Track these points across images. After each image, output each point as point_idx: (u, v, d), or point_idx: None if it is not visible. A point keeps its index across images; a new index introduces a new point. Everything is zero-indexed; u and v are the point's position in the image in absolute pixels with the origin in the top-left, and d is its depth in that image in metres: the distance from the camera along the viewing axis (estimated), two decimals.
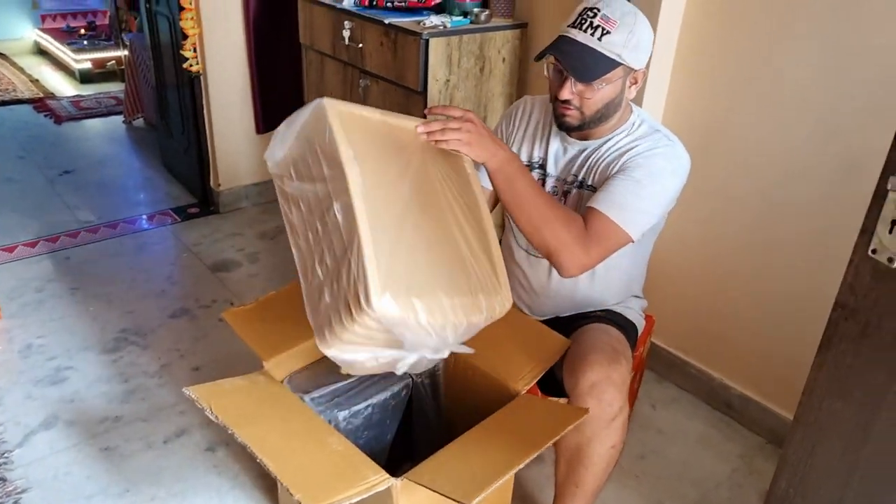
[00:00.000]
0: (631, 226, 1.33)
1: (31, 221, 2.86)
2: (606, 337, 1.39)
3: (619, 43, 1.29)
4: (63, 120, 4.04)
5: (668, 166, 1.36)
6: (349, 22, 2.26)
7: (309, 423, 1.23)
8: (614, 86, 1.34)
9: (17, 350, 2.11)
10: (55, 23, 5.54)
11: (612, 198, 1.33)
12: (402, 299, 1.05)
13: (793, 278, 1.74)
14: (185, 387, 1.26)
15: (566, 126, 1.41)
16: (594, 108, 1.36)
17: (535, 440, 1.14)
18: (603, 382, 1.26)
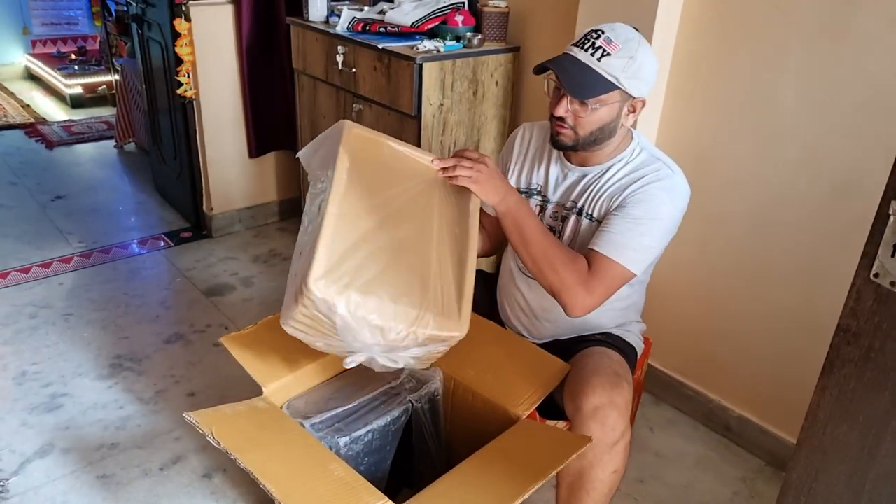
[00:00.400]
0: (633, 263, 1.36)
1: (24, 247, 2.84)
2: (608, 361, 1.39)
3: (617, 67, 1.31)
4: (54, 145, 4.04)
5: (667, 199, 1.37)
6: (342, 47, 2.29)
7: (310, 449, 1.23)
8: (610, 109, 1.35)
9: (12, 377, 2.09)
10: (46, 48, 5.55)
11: (612, 238, 1.36)
12: (338, 287, 1.12)
13: (787, 299, 1.76)
14: (184, 412, 1.26)
15: (560, 144, 1.42)
16: (588, 128, 1.37)
17: (539, 469, 1.15)
18: (606, 407, 1.26)
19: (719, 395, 1.99)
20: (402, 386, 1.50)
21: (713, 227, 1.87)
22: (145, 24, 3.00)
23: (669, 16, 1.74)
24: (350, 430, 1.35)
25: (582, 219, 1.46)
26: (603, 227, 1.38)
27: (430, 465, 1.55)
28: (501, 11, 2.20)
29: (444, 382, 1.52)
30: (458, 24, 2.18)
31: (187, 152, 2.97)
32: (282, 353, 1.52)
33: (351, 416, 1.42)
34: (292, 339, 1.55)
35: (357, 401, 1.44)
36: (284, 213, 3.24)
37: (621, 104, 1.36)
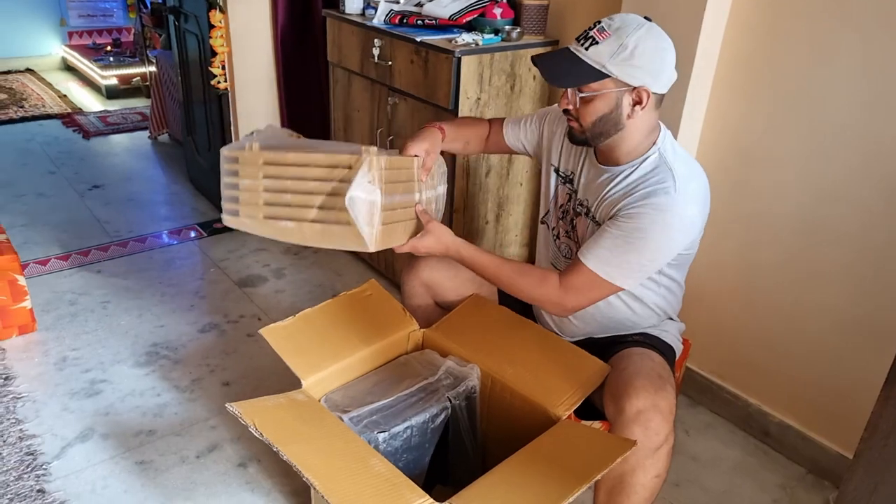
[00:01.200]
0: (619, 279, 1.35)
1: (63, 235, 2.90)
2: (650, 363, 1.37)
3: (605, 53, 1.27)
4: (91, 135, 4.10)
5: (659, 220, 1.30)
6: (379, 40, 2.29)
7: (350, 443, 1.23)
8: (604, 100, 1.31)
9: (53, 362, 2.13)
10: (82, 39, 5.64)
11: (598, 252, 1.34)
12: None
13: (834, 304, 1.72)
14: (226, 403, 1.27)
15: (573, 138, 1.43)
16: (588, 119, 1.34)
17: (583, 472, 1.13)
18: (650, 410, 1.24)
19: (759, 400, 1.95)
20: (439, 382, 1.50)
21: (757, 227, 1.83)
22: (182, 15, 3.02)
23: (719, 7, 1.70)
24: (389, 426, 1.35)
25: (588, 220, 1.46)
26: (595, 235, 1.37)
27: (465, 462, 1.55)
28: (541, 4, 2.17)
29: (481, 380, 1.51)
30: (496, 16, 2.16)
31: (221, 144, 2.99)
32: (320, 345, 1.53)
33: (389, 411, 1.42)
34: (331, 331, 1.57)
35: (395, 395, 1.44)
36: None
37: (618, 94, 1.30)
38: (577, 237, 1.53)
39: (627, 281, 1.36)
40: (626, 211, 1.33)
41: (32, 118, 4.35)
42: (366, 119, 2.50)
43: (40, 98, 4.78)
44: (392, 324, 1.63)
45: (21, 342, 2.21)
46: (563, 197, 1.56)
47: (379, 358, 1.59)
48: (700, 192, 1.37)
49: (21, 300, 2.22)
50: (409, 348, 1.65)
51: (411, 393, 1.47)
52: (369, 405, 1.42)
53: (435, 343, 1.62)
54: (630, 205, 1.33)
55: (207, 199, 3.32)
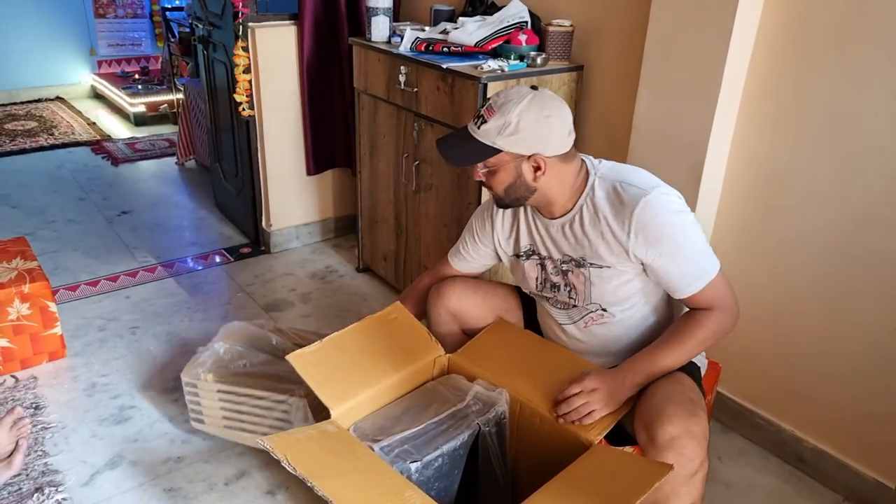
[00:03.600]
0: (712, 266, 1.39)
1: (92, 261, 2.94)
2: (681, 387, 1.36)
3: (492, 131, 1.36)
4: (119, 162, 4.18)
5: (669, 215, 1.36)
6: (405, 67, 2.31)
7: (384, 475, 1.22)
8: (506, 171, 1.40)
9: (83, 388, 2.15)
10: (111, 68, 5.78)
11: (686, 275, 1.38)
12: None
13: (869, 328, 1.68)
14: (258, 438, 1.27)
15: (497, 202, 1.51)
16: (500, 189, 1.44)
17: (620, 498, 1.11)
18: (683, 436, 1.22)
19: (792, 425, 1.91)
20: (468, 408, 1.48)
21: (787, 250, 1.80)
22: (211, 45, 3.09)
23: (745, 30, 1.70)
24: (421, 455, 1.34)
25: (587, 269, 1.46)
26: (665, 279, 1.40)
27: (495, 490, 1.53)
28: (565, 30, 2.19)
29: (510, 405, 1.49)
30: (521, 43, 2.17)
31: (248, 170, 3.04)
32: (348, 372, 1.52)
33: (419, 440, 1.40)
34: (358, 357, 1.56)
35: (424, 423, 1.43)
36: (340, 230, 3.27)
37: (516, 164, 1.39)
38: (572, 292, 1.52)
39: (714, 260, 1.41)
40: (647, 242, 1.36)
41: (62, 145, 4.45)
42: (391, 144, 2.52)
43: (70, 125, 4.89)
44: (418, 349, 1.62)
45: (51, 368, 2.24)
46: (536, 270, 1.57)
47: (406, 384, 1.58)
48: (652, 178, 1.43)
49: (52, 326, 2.24)
50: (434, 374, 1.64)
51: (441, 420, 1.45)
52: (399, 434, 1.41)
53: (461, 368, 1.61)
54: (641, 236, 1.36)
55: (234, 225, 3.35)
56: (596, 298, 1.48)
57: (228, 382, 1.80)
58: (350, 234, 3.25)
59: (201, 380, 1.81)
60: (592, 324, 1.53)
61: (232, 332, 1.99)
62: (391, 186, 2.60)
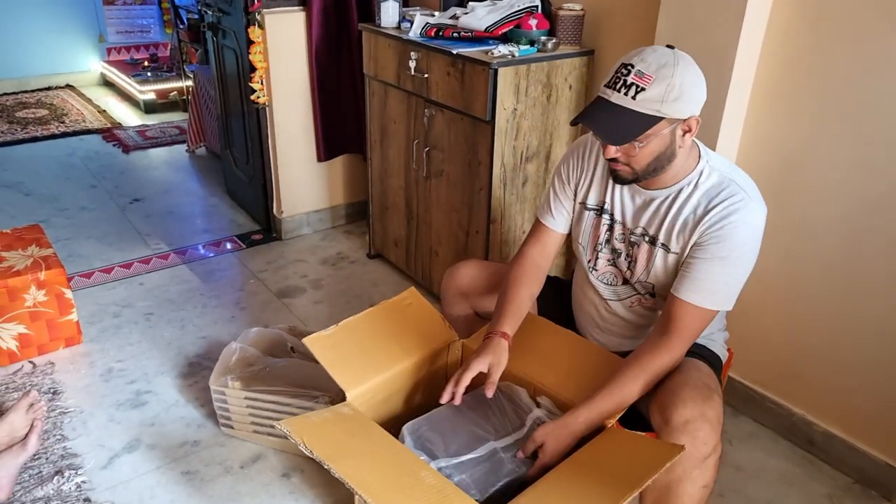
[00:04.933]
0: (723, 304, 1.36)
1: (106, 248, 2.97)
2: (697, 372, 1.36)
3: (655, 98, 1.25)
4: (130, 149, 4.20)
5: (748, 232, 1.32)
6: (415, 53, 2.30)
7: (399, 455, 1.24)
8: (660, 139, 1.30)
9: (99, 374, 2.18)
10: (120, 55, 5.79)
11: (701, 285, 1.33)
12: None
13: (880, 312, 1.68)
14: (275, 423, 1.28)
15: (620, 180, 1.39)
16: (643, 162, 1.32)
17: (633, 478, 1.12)
18: (698, 420, 1.23)
19: (803, 409, 1.91)
20: (526, 436, 1.39)
21: (801, 235, 1.80)
22: (220, 31, 3.09)
23: (758, 13, 1.68)
24: (483, 488, 1.27)
25: (656, 249, 1.42)
26: (686, 271, 1.34)
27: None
28: (576, 14, 2.17)
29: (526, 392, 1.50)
30: (531, 27, 2.16)
31: (259, 157, 3.04)
32: (363, 356, 1.53)
33: (481, 467, 1.32)
34: (372, 342, 1.57)
35: (486, 447, 1.35)
36: (351, 217, 3.28)
37: (672, 130, 1.29)
38: (631, 265, 1.48)
39: (731, 301, 1.36)
40: (712, 235, 1.32)
41: (73, 133, 4.47)
42: (402, 130, 2.52)
43: (80, 113, 4.91)
44: (432, 334, 1.63)
45: (68, 354, 2.27)
46: (600, 230, 1.52)
47: (421, 370, 1.60)
48: (759, 193, 1.37)
49: (68, 313, 2.27)
50: (449, 359, 1.65)
51: (506, 447, 1.37)
52: (461, 457, 1.32)
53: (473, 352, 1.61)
54: (715, 227, 1.32)
55: (245, 212, 3.37)
56: (652, 279, 1.44)
57: (255, 389, 1.83)
58: (361, 220, 3.26)
59: (229, 387, 1.84)
60: (638, 305, 1.51)
61: (252, 338, 2.03)
62: (402, 172, 2.60)
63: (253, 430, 1.89)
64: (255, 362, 1.92)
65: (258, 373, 1.88)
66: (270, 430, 1.86)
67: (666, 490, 1.29)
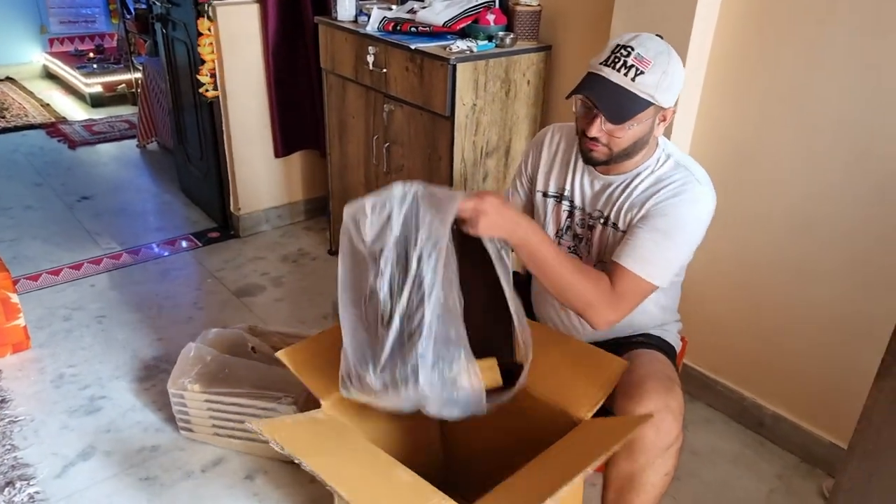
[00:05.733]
0: (658, 278, 1.36)
1: (53, 249, 2.87)
2: (659, 364, 1.39)
3: (651, 84, 1.29)
4: (77, 145, 4.06)
5: (693, 213, 1.35)
6: (373, 47, 2.28)
7: (374, 456, 1.21)
8: (644, 125, 1.34)
9: (50, 380, 2.11)
10: (63, 46, 5.57)
11: (637, 252, 1.35)
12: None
13: (827, 299, 1.75)
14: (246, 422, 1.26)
15: (592, 161, 1.41)
16: (622, 145, 1.36)
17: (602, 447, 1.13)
18: (662, 411, 1.26)
19: (753, 393, 1.98)
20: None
21: (751, 225, 1.86)
22: (170, 23, 3.00)
23: (709, 9, 1.72)
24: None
25: (608, 228, 1.46)
26: (628, 238, 1.38)
27: None
28: (533, 10, 2.18)
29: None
30: (489, 23, 2.17)
31: (214, 152, 2.98)
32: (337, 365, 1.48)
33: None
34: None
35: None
36: (311, 213, 3.24)
37: (654, 117, 1.35)
38: (590, 248, 1.52)
39: (665, 278, 1.38)
40: (658, 209, 1.36)
41: (15, 129, 4.29)
42: (361, 126, 2.50)
43: (22, 107, 4.72)
44: None
45: (16, 360, 2.19)
46: (560, 216, 1.55)
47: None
48: (711, 182, 1.41)
49: (14, 318, 2.19)
50: None
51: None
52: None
53: None
54: (662, 202, 1.36)
55: (200, 209, 3.29)
56: (606, 260, 1.46)
57: (215, 391, 1.79)
58: (321, 216, 3.23)
59: (188, 390, 1.80)
60: None
61: (211, 339, 1.98)
62: (362, 168, 2.58)
63: (214, 432, 1.85)
64: (214, 364, 1.88)
65: (218, 374, 1.84)
66: (232, 433, 1.83)
67: (629, 478, 1.32)
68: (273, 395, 1.76)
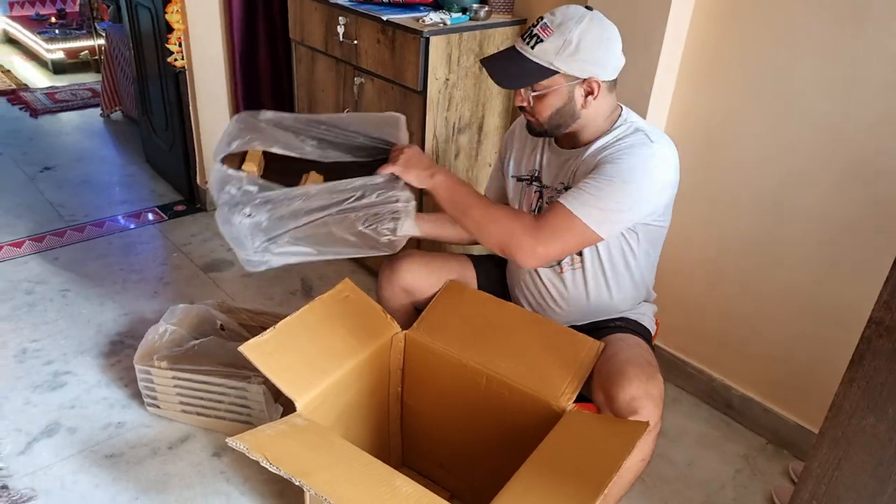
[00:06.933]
0: (596, 223, 1.33)
1: (15, 221, 2.78)
2: (639, 349, 1.39)
3: (550, 51, 1.30)
4: (39, 113, 3.93)
5: (641, 164, 1.33)
6: (343, 18, 2.23)
7: (369, 465, 1.19)
8: (558, 94, 1.35)
9: (12, 355, 2.06)
10: (24, 10, 5.36)
11: (577, 194, 1.34)
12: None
13: (797, 283, 1.77)
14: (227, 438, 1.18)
15: (531, 130, 1.46)
16: (545, 114, 1.38)
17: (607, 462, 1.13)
18: (643, 397, 1.26)
19: (722, 374, 2.02)
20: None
21: (722, 207, 1.87)
22: None
23: None
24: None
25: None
26: (575, 184, 1.39)
27: None
28: None
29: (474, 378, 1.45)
30: None
31: (180, 124, 2.90)
32: (306, 361, 1.43)
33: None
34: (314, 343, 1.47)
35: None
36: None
37: (570, 88, 1.34)
38: None
39: (604, 227, 1.35)
40: (605, 158, 1.36)
41: None
42: (331, 99, 2.45)
43: None
44: (374, 328, 1.55)
45: None
46: (532, 197, 1.55)
47: (367, 366, 1.51)
48: (673, 149, 1.40)
49: None
50: (392, 353, 1.58)
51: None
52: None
53: (420, 344, 1.54)
54: (611, 153, 1.36)
55: (166, 181, 3.22)
56: None
57: (183, 369, 1.77)
58: None
59: (155, 366, 1.77)
60: (568, 269, 1.51)
61: (178, 316, 1.95)
62: None
63: (181, 409, 1.83)
64: (182, 342, 1.85)
65: (185, 352, 1.82)
66: (199, 410, 1.82)
67: None
68: (242, 374, 1.75)
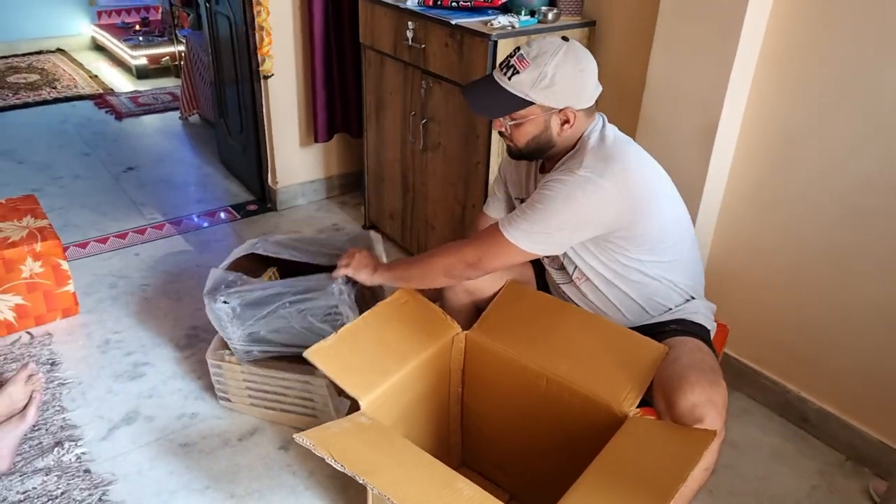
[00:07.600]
0: (519, 238, 1.40)
1: (100, 218, 2.95)
2: (701, 354, 1.36)
3: (526, 83, 1.36)
4: (123, 116, 4.14)
5: (563, 191, 1.36)
6: (412, 22, 2.26)
7: (430, 466, 1.20)
8: (534, 123, 1.40)
9: (97, 345, 2.18)
10: (111, 19, 5.67)
11: (511, 214, 1.44)
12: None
13: (880, 292, 1.68)
14: (294, 435, 1.24)
15: (511, 153, 1.53)
16: (522, 141, 1.44)
17: (672, 472, 1.11)
18: (705, 405, 1.23)
19: (798, 386, 1.93)
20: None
21: (801, 213, 1.79)
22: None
23: None
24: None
25: None
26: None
27: None
28: None
29: (534, 380, 1.45)
30: None
31: (254, 126, 3.01)
32: (369, 362, 1.47)
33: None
34: (376, 346, 1.51)
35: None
36: (346, 187, 3.26)
37: (546, 117, 1.40)
38: None
39: (528, 243, 1.40)
40: (542, 185, 1.43)
41: (65, 99, 4.39)
42: (398, 102, 2.49)
43: (72, 79, 4.82)
44: (435, 330, 1.57)
45: (65, 325, 2.27)
46: None
47: (427, 368, 1.53)
48: (610, 170, 1.36)
49: (64, 284, 2.27)
50: (453, 353, 1.59)
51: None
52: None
53: (480, 345, 1.55)
54: (545, 182, 1.42)
55: (239, 181, 3.34)
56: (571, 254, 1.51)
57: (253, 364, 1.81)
58: (355, 190, 3.24)
59: (225, 361, 1.84)
60: (580, 283, 1.54)
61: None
62: (398, 145, 2.58)
63: (250, 402, 1.90)
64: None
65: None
66: (267, 404, 1.88)
67: None
68: (307, 369, 1.77)
